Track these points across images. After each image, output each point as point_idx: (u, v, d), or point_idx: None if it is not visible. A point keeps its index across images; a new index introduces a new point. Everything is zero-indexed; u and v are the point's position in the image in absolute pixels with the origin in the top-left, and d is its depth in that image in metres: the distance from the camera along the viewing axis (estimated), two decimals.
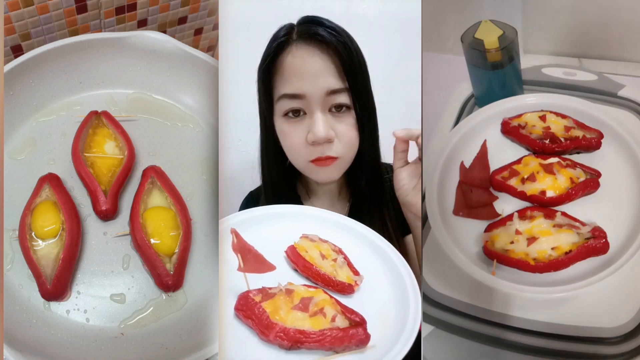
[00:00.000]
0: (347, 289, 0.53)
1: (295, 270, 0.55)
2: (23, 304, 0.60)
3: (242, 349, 0.47)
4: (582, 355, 0.58)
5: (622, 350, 0.57)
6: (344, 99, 0.60)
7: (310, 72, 0.59)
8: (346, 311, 0.49)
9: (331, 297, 0.50)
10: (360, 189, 0.66)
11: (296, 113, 0.61)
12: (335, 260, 0.54)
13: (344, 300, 0.51)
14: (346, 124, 0.61)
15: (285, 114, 0.61)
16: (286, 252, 0.56)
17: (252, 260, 0.52)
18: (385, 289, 0.54)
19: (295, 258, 0.54)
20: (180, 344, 0.60)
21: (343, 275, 0.54)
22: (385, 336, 0.49)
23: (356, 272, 0.55)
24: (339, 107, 0.60)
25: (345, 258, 0.56)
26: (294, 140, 0.61)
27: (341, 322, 0.48)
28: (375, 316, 0.50)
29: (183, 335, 0.61)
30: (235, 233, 0.51)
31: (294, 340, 0.46)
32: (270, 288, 0.51)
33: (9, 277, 0.61)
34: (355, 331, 0.47)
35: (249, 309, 0.48)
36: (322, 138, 0.59)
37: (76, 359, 0.58)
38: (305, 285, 0.51)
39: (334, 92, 0.59)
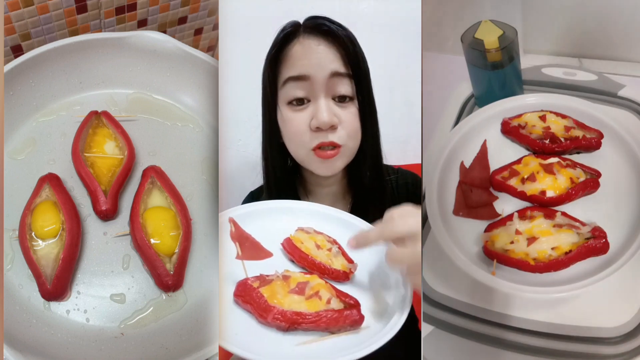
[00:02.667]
0: (342, 276, 0.54)
1: (292, 261, 0.56)
2: (23, 304, 0.60)
3: (242, 331, 0.48)
4: (582, 355, 0.58)
5: (622, 350, 0.57)
6: (347, 86, 0.61)
7: (316, 56, 0.60)
8: (341, 294, 0.50)
9: (326, 282, 0.51)
10: (363, 185, 0.66)
11: (300, 102, 0.61)
12: (330, 250, 0.56)
13: (339, 287, 0.52)
14: (349, 113, 0.62)
15: (290, 102, 0.61)
16: (282, 244, 0.57)
17: (249, 248, 0.53)
18: (379, 275, 0.55)
19: (291, 249, 0.56)
20: (180, 344, 0.60)
21: (338, 263, 0.55)
22: (379, 317, 0.50)
23: (350, 260, 0.56)
24: (342, 98, 0.61)
25: (340, 248, 0.57)
26: (297, 126, 0.61)
27: (336, 304, 0.49)
28: (369, 300, 0.52)
29: (183, 335, 0.61)
30: (233, 222, 0.53)
31: (291, 322, 0.48)
32: (267, 275, 0.52)
33: (9, 277, 0.61)
34: (350, 312, 0.48)
35: (247, 294, 0.49)
36: (326, 123, 0.60)
37: (76, 359, 0.58)
38: (301, 272, 0.53)
39: (337, 74, 0.60)
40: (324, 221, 0.60)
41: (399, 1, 0.79)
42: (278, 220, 0.60)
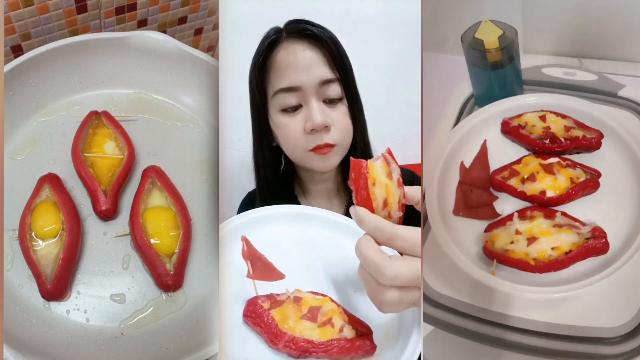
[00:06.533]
0: None
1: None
2: (23, 304, 0.60)
3: (251, 355, 0.48)
4: (582, 355, 0.57)
5: (622, 350, 0.57)
6: (336, 89, 0.62)
7: (303, 64, 0.61)
8: (353, 321, 0.49)
9: (338, 305, 0.50)
10: None
11: (294, 109, 0.63)
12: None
13: (351, 307, 0.51)
14: (340, 112, 0.63)
15: (283, 110, 0.63)
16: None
17: (261, 268, 0.52)
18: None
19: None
20: (180, 344, 0.60)
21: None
22: (390, 345, 0.49)
23: None
24: (332, 100, 0.63)
25: None
26: (292, 131, 0.63)
27: (349, 332, 0.48)
28: (380, 323, 0.50)
29: (183, 335, 0.61)
30: (245, 241, 0.51)
31: (302, 350, 0.47)
32: (278, 295, 0.51)
33: (9, 277, 0.61)
34: (362, 342, 0.48)
35: (257, 316, 0.49)
36: (319, 125, 0.61)
37: (76, 359, 0.58)
38: (312, 292, 0.51)
39: (327, 82, 0.62)
40: (332, 229, 0.59)
41: (399, 1, 0.79)
42: (283, 227, 0.59)
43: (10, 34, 0.75)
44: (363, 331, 0.49)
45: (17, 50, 0.78)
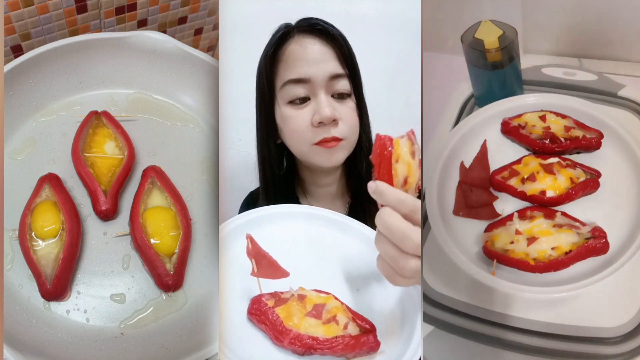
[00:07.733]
0: None
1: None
2: (23, 304, 0.60)
3: (255, 353, 0.48)
4: (582, 355, 0.58)
5: (622, 350, 0.57)
6: (345, 85, 0.63)
7: (314, 57, 0.62)
8: (357, 318, 0.50)
9: (342, 303, 0.51)
10: (361, 183, 0.66)
11: (302, 100, 0.62)
12: None
13: (354, 305, 0.52)
14: (348, 107, 0.63)
15: (291, 102, 0.63)
16: None
17: (266, 266, 0.52)
18: (391, 293, 0.54)
19: None
20: (180, 344, 0.60)
21: None
22: (394, 341, 0.50)
23: None
24: (340, 95, 0.63)
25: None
26: (299, 123, 0.62)
27: (352, 329, 0.49)
28: (382, 319, 0.51)
29: (183, 335, 0.61)
30: (250, 239, 0.52)
31: (307, 347, 0.47)
32: (282, 293, 0.51)
33: (9, 277, 0.61)
34: (366, 338, 0.48)
35: (262, 314, 0.49)
36: (328, 118, 0.61)
37: (76, 359, 0.58)
38: (315, 290, 0.52)
39: (336, 76, 0.62)
40: (333, 228, 0.60)
41: (399, 1, 0.79)
42: (284, 226, 0.59)
43: (10, 34, 0.75)
44: (367, 328, 0.49)
45: (17, 50, 0.78)
